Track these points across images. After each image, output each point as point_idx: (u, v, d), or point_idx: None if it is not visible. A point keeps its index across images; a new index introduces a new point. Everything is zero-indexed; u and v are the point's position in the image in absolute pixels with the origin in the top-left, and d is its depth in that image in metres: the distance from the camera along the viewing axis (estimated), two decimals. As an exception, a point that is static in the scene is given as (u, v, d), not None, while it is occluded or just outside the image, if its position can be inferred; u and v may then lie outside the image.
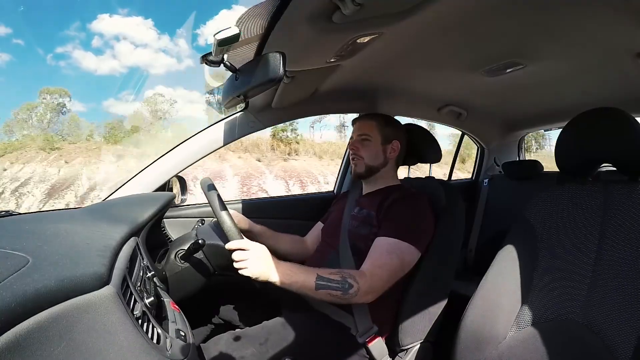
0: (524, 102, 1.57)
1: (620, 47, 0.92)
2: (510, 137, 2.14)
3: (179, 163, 1.23)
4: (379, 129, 1.08)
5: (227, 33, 0.63)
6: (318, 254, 1.12)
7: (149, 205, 0.92)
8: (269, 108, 1.25)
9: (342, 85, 1.25)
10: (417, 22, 0.70)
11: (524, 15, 0.79)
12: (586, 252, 0.74)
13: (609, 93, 1.28)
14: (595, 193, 0.77)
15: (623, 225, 0.71)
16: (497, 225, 1.75)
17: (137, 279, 0.63)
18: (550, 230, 0.80)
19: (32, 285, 0.38)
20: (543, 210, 0.82)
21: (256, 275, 0.77)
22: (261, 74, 0.70)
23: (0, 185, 14.46)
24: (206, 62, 0.75)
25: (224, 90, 0.90)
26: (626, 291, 0.67)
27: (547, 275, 0.77)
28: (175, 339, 0.60)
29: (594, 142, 0.78)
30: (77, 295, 0.41)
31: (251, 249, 0.79)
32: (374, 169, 1.09)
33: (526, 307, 0.77)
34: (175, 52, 42.78)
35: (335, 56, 0.84)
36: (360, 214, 1.06)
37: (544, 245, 0.80)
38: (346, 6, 0.57)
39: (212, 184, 0.89)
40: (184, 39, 44.67)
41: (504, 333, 0.77)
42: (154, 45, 41.88)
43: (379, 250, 0.91)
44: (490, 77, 1.18)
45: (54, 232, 0.61)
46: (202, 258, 0.90)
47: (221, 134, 1.25)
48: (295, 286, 0.81)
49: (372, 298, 0.87)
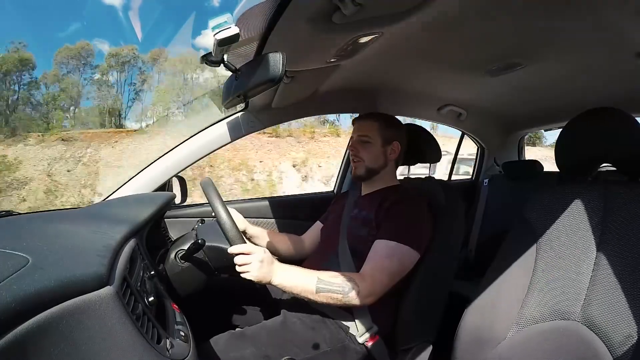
0: (524, 102, 1.57)
1: (620, 47, 0.92)
2: (510, 137, 2.14)
3: (179, 163, 1.24)
4: (380, 130, 1.08)
5: (227, 33, 0.63)
6: (317, 255, 1.12)
7: (149, 205, 0.92)
8: (269, 108, 1.25)
9: (342, 85, 1.25)
10: (417, 23, 0.71)
11: (524, 16, 0.79)
12: (586, 252, 0.74)
13: (609, 93, 1.28)
14: (595, 193, 0.77)
15: (623, 225, 0.71)
16: (497, 225, 1.75)
17: (137, 279, 0.63)
18: (550, 230, 0.80)
19: (32, 286, 0.38)
20: (543, 210, 0.82)
21: (258, 279, 0.79)
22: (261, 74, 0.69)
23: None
24: (206, 62, 0.75)
25: (224, 90, 0.90)
26: (626, 291, 0.67)
27: (546, 275, 0.77)
28: (175, 339, 0.60)
29: (594, 142, 0.78)
30: (77, 295, 0.41)
31: (253, 253, 0.80)
32: (374, 171, 1.09)
33: (526, 307, 0.77)
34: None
35: (335, 56, 0.84)
36: (359, 215, 1.06)
37: (543, 245, 0.80)
38: (346, 6, 0.57)
39: (213, 185, 0.89)
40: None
41: (504, 333, 0.77)
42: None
43: (379, 253, 0.92)
44: (490, 77, 1.18)
45: (54, 232, 0.61)
46: (202, 258, 0.90)
47: (221, 134, 1.25)
48: (296, 289, 0.83)
49: (372, 301, 0.88)
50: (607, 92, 1.28)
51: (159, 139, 7.30)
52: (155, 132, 10.05)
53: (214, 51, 0.70)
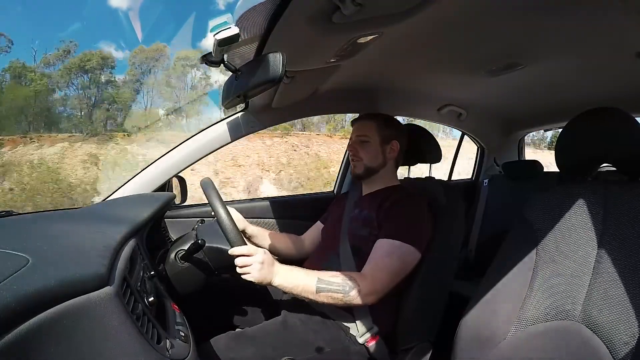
0: (524, 102, 1.57)
1: (620, 47, 0.92)
2: (510, 137, 2.14)
3: (178, 163, 1.24)
4: (378, 130, 1.08)
5: (227, 33, 0.63)
6: (318, 255, 1.12)
7: (149, 205, 0.92)
8: (269, 108, 1.25)
9: (342, 85, 1.25)
10: (417, 23, 0.70)
11: (524, 16, 0.79)
12: (586, 252, 0.74)
13: (609, 93, 1.28)
14: (596, 193, 0.76)
15: (623, 225, 0.71)
16: (497, 226, 1.75)
17: (137, 279, 0.63)
18: (550, 230, 0.80)
19: (32, 286, 0.38)
20: (543, 210, 0.82)
21: (259, 280, 0.80)
22: (261, 74, 0.69)
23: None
24: (206, 62, 0.75)
25: (224, 90, 0.90)
26: (627, 291, 0.67)
27: (547, 275, 0.77)
28: (175, 339, 0.60)
29: (594, 142, 0.78)
30: (77, 295, 0.41)
31: (254, 254, 0.80)
32: (373, 170, 1.09)
33: (526, 307, 0.77)
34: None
35: (335, 56, 0.84)
36: (360, 215, 1.06)
37: (543, 245, 0.80)
38: (346, 6, 0.57)
39: (213, 185, 0.88)
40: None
41: (504, 333, 0.77)
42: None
43: (380, 253, 0.92)
44: (490, 77, 1.18)
45: (54, 232, 0.61)
46: (202, 258, 0.90)
47: (221, 134, 1.25)
48: (296, 290, 0.83)
49: (373, 300, 0.88)
50: (607, 92, 1.28)
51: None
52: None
53: (214, 51, 0.70)
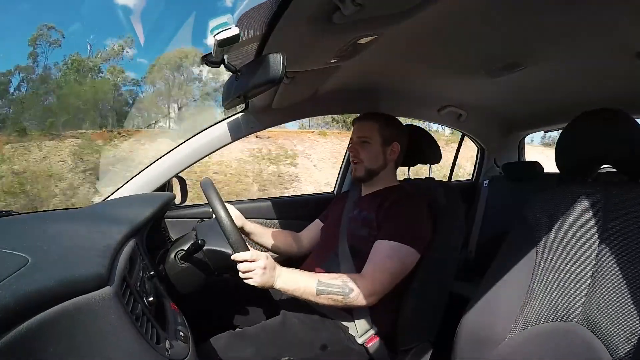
0: (524, 102, 1.57)
1: (620, 47, 0.92)
2: (510, 138, 2.13)
3: (179, 163, 1.24)
4: (379, 131, 1.08)
5: (227, 33, 0.63)
6: (318, 254, 1.12)
7: (149, 205, 0.92)
8: (269, 109, 1.25)
9: (343, 85, 1.25)
10: (418, 23, 0.70)
11: (523, 17, 0.79)
12: (586, 253, 0.74)
13: (609, 93, 1.28)
14: (596, 194, 0.77)
15: (623, 226, 0.71)
16: (497, 226, 1.75)
17: (137, 279, 0.63)
18: (550, 231, 0.80)
19: (32, 286, 0.38)
20: (543, 211, 0.82)
21: (261, 285, 0.81)
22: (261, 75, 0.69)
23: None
24: (206, 62, 0.75)
25: (224, 90, 0.90)
26: (626, 292, 0.67)
27: (546, 276, 0.77)
28: (174, 339, 0.60)
29: (594, 143, 0.78)
30: (77, 295, 0.41)
31: (257, 260, 0.80)
32: (374, 172, 1.09)
33: (526, 308, 0.77)
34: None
35: (335, 57, 0.84)
36: (359, 216, 1.06)
37: (543, 246, 0.80)
38: (346, 6, 0.57)
39: (213, 186, 0.88)
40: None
41: (504, 334, 0.77)
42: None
43: (380, 254, 0.92)
44: (490, 77, 1.18)
45: (54, 232, 0.61)
46: (202, 258, 0.90)
47: (221, 135, 1.25)
48: (297, 292, 0.84)
49: (373, 301, 0.88)
50: (607, 93, 1.28)
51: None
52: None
53: (214, 52, 0.70)
